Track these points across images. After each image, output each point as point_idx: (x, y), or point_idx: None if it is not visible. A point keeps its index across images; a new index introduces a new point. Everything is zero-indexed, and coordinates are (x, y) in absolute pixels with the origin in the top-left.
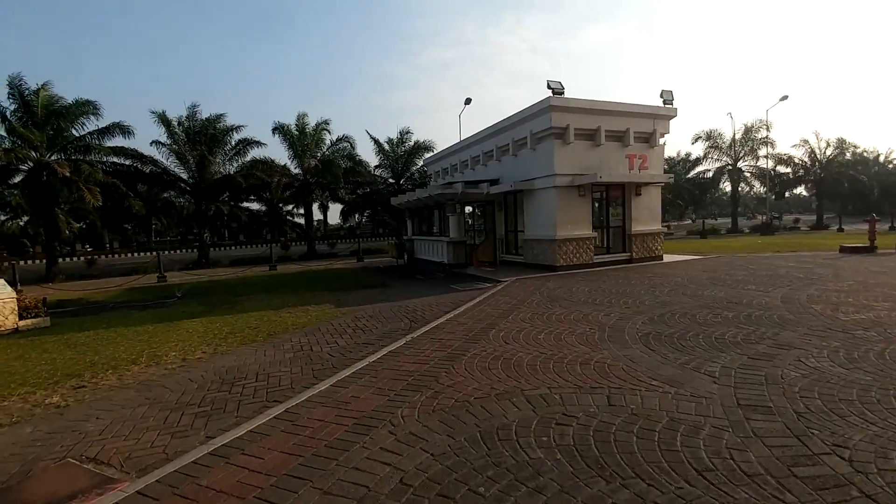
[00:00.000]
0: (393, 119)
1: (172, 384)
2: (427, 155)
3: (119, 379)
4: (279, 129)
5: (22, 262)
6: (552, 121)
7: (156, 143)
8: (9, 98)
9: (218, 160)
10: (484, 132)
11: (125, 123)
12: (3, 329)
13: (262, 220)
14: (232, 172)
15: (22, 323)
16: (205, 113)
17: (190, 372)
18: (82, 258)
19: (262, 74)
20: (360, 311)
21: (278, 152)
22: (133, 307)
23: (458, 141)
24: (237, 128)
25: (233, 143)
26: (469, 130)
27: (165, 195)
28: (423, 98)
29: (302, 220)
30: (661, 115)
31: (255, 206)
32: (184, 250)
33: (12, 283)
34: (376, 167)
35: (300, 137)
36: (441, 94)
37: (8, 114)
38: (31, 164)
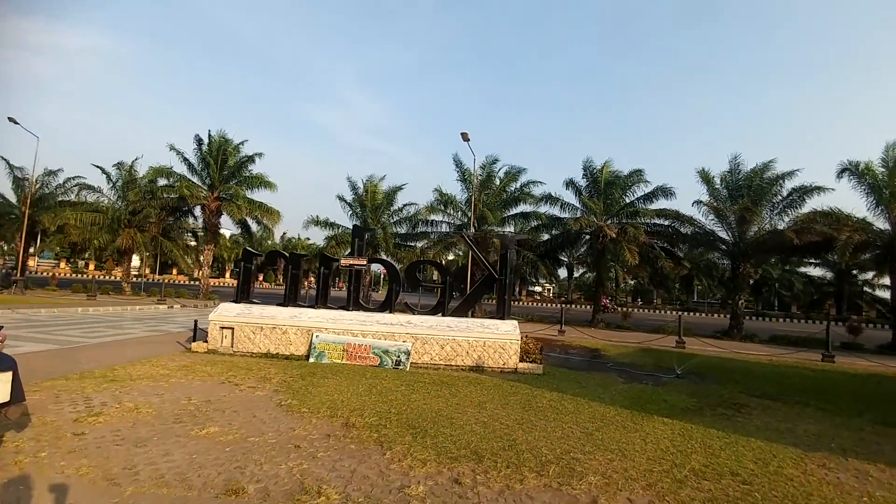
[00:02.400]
0: None
1: None
2: None
3: (502, 489)
4: (850, 170)
5: (569, 306)
6: None
7: (697, 202)
8: (583, 177)
9: (764, 215)
10: None
11: (667, 186)
12: (506, 367)
13: (823, 290)
14: (780, 228)
15: (521, 365)
16: (750, 163)
17: None
18: (620, 310)
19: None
20: None
21: (851, 201)
22: (625, 373)
23: None
24: (789, 174)
25: (783, 193)
26: None
27: (709, 256)
28: None
29: (887, 294)
30: None
31: (815, 271)
32: (717, 315)
33: (560, 323)
34: None
35: (890, 176)
36: None
37: (581, 189)
38: (592, 228)
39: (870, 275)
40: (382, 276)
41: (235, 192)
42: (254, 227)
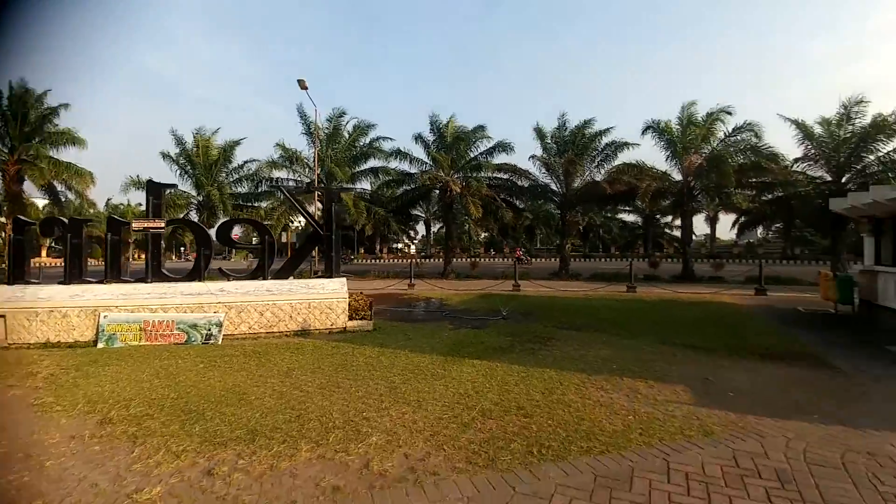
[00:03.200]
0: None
1: None
2: None
3: (264, 471)
4: (653, 128)
5: (428, 261)
6: None
7: (532, 157)
8: (430, 132)
9: (586, 168)
10: None
11: (506, 142)
12: (334, 327)
13: (635, 233)
14: (597, 179)
15: (350, 324)
16: (574, 121)
17: None
18: (468, 260)
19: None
20: (760, 435)
21: (654, 156)
22: (457, 319)
23: None
24: (605, 131)
25: (600, 148)
26: None
27: (547, 207)
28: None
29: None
30: None
31: (631, 217)
32: (553, 259)
33: (410, 277)
34: (797, 161)
35: (683, 133)
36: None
37: (429, 143)
38: (441, 182)
39: (669, 218)
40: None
41: (37, 151)
42: (70, 194)
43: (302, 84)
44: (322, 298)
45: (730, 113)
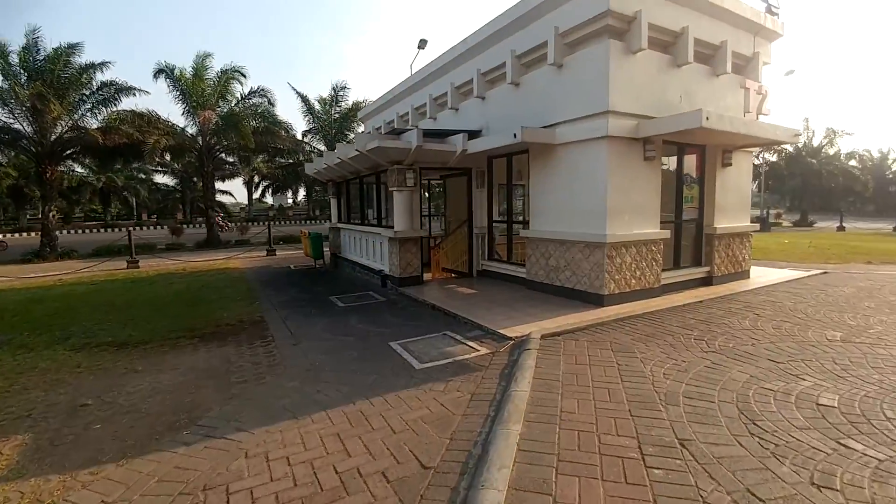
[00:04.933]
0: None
1: None
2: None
3: None
4: (165, 72)
5: None
6: (609, 2)
7: None
8: None
9: (78, 110)
10: (452, 52)
11: None
12: None
13: (172, 197)
14: (88, 126)
15: None
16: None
17: None
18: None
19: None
20: None
21: (172, 108)
22: None
23: (410, 76)
24: (100, 65)
25: (94, 86)
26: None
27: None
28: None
29: (234, 198)
30: (766, 31)
31: (168, 179)
32: (60, 232)
33: None
34: (305, 133)
35: (195, 84)
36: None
37: None
38: None
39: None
40: None
41: None
42: None
43: None
44: None
45: (244, 75)
